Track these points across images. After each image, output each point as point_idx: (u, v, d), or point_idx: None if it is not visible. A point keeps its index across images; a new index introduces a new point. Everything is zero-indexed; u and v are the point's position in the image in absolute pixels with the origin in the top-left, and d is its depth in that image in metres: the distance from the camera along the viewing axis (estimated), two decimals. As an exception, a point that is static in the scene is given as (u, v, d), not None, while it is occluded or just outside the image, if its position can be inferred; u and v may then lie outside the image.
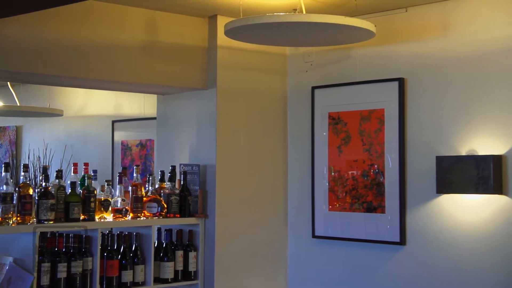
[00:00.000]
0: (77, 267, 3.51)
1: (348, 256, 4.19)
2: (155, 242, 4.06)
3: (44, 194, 3.45)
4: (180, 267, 4.10)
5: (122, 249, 3.84)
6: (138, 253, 3.90)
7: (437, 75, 3.85)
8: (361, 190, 4.14)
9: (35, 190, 3.48)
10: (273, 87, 4.53)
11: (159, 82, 4.21)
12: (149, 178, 4.14)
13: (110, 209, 3.81)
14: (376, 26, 3.50)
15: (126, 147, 5.87)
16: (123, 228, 3.94)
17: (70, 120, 6.40)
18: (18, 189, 3.40)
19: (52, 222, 3.45)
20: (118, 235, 3.86)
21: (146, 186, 4.12)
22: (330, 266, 4.27)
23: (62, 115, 6.11)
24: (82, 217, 3.63)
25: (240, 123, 4.37)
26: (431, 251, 3.81)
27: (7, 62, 3.66)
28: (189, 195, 4.20)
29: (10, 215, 3.35)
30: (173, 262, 4.05)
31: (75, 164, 3.93)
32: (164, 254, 4.05)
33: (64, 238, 3.54)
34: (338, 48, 4.25)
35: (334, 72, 4.33)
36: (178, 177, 4.26)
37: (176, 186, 4.21)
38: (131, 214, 3.92)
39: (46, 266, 3.40)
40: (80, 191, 3.68)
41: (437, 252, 3.78)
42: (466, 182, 3.57)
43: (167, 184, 4.16)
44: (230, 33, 3.56)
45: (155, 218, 4.01)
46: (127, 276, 3.79)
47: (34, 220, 3.45)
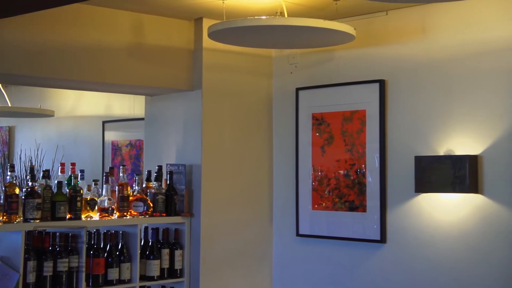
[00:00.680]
0: (63, 265, 3.59)
1: (331, 254, 4.28)
2: (142, 241, 4.14)
3: (30, 193, 3.53)
4: (166, 265, 4.18)
5: (108, 247, 3.92)
6: (124, 251, 3.98)
7: (416, 77, 3.94)
8: (343, 190, 4.23)
9: (22, 189, 3.56)
10: (258, 89, 4.62)
11: (146, 84, 4.29)
12: (135, 178, 4.22)
13: (97, 208, 3.89)
14: (356, 29, 3.59)
15: (116, 147, 5.95)
16: (110, 227, 4.02)
17: (62, 120, 6.47)
18: (4, 188, 3.48)
19: (38, 221, 3.53)
20: (104, 234, 3.94)
21: (133, 185, 4.21)
22: (314, 264, 4.36)
23: (53, 116, 6.18)
24: (68, 216, 3.71)
25: (225, 124, 4.45)
26: (410, 249, 3.89)
27: (-2, 64, 3.75)
28: (175, 195, 4.28)
29: (-4, 214, 3.43)
30: (159, 260, 4.13)
31: (62, 164, 4.01)
32: (150, 252, 4.13)
33: (50, 237, 3.62)
34: (322, 50, 4.33)
35: (318, 73, 4.41)
36: (165, 176, 4.35)
37: (162, 185, 4.29)
38: (118, 213, 4.00)
39: (32, 264, 3.48)
40: (66, 191, 3.76)
41: (416, 250, 3.87)
42: (443, 182, 3.66)
43: (154, 183, 4.24)
44: (213, 35, 3.65)
45: (141, 217, 4.09)
46: (113, 273, 3.87)
47: (21, 219, 3.52)
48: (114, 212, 3.99)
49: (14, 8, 3.31)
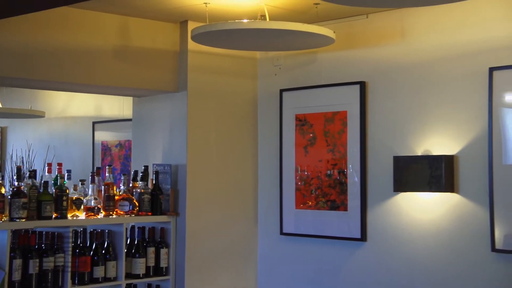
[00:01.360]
0: (48, 264, 3.67)
1: (314, 252, 4.36)
2: (128, 239, 4.23)
3: (16, 193, 3.61)
4: (151, 263, 4.26)
5: (94, 246, 4.00)
6: (110, 249, 4.06)
7: (396, 79, 4.03)
8: (325, 189, 4.32)
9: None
10: (243, 90, 4.70)
11: (132, 85, 4.38)
12: (122, 178, 4.30)
13: (83, 207, 3.97)
14: (338, 32, 3.68)
15: (106, 148, 6.03)
16: (96, 226, 4.10)
17: (53, 121, 6.55)
18: (-10, 188, 3.56)
19: (24, 220, 3.61)
20: (90, 233, 4.03)
21: (120, 185, 4.29)
22: (297, 261, 4.45)
23: (44, 117, 6.26)
24: (54, 215, 3.79)
25: (210, 125, 4.54)
26: (390, 247, 3.98)
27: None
28: (160, 194, 4.36)
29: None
30: (144, 259, 4.21)
31: (49, 164, 4.09)
32: (136, 250, 4.21)
33: (36, 236, 3.70)
34: (305, 52, 4.42)
35: (301, 75, 4.50)
36: (151, 176, 4.43)
37: (149, 185, 4.38)
38: (104, 212, 4.08)
39: (18, 262, 3.56)
40: (53, 190, 3.84)
41: (395, 248, 3.96)
42: (420, 181, 3.75)
43: (140, 183, 4.32)
44: (196, 38, 3.74)
45: (127, 216, 4.17)
46: (99, 271, 3.96)
47: (7, 218, 3.60)
48: (100, 211, 4.07)
49: (12, 9, 3.39)
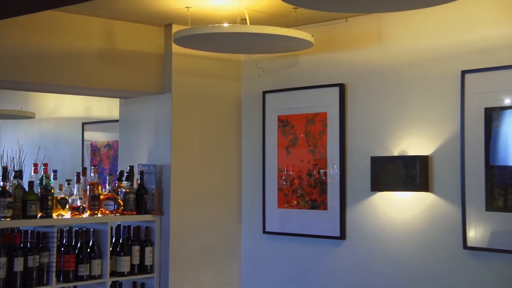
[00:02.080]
0: (33, 262, 3.76)
1: (295, 250, 4.46)
2: (113, 238, 4.32)
3: (1, 193, 3.71)
4: (136, 261, 4.36)
5: (79, 244, 4.09)
6: (95, 248, 4.16)
7: (373, 81, 4.13)
8: (306, 189, 4.42)
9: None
10: (228, 92, 4.80)
11: (118, 87, 4.47)
12: (107, 178, 4.40)
13: (68, 206, 4.06)
14: (318, 35, 3.79)
15: (95, 148, 6.12)
16: (82, 224, 4.20)
17: (43, 122, 6.64)
18: (-24, 188, 3.65)
19: (9, 219, 3.70)
20: (76, 232, 4.12)
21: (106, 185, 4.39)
22: (279, 259, 4.55)
23: (34, 118, 6.35)
24: (39, 214, 3.88)
25: (195, 126, 4.64)
26: (368, 245, 4.09)
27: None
28: (145, 194, 4.46)
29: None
30: (129, 257, 4.31)
31: (35, 164, 4.18)
32: (120, 249, 4.31)
33: (21, 234, 3.79)
34: (287, 55, 4.52)
35: (283, 77, 4.60)
36: (136, 176, 4.53)
37: (134, 185, 4.47)
38: (89, 212, 4.18)
39: (3, 260, 3.65)
40: (38, 190, 3.93)
41: (372, 246, 4.06)
42: (396, 181, 3.85)
43: (125, 183, 4.42)
44: (178, 41, 3.84)
45: (112, 215, 4.27)
46: (84, 269, 4.05)
47: (-7, 217, 3.71)
48: (85, 210, 4.16)
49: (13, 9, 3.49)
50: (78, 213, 4.10)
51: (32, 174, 4.14)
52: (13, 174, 3.89)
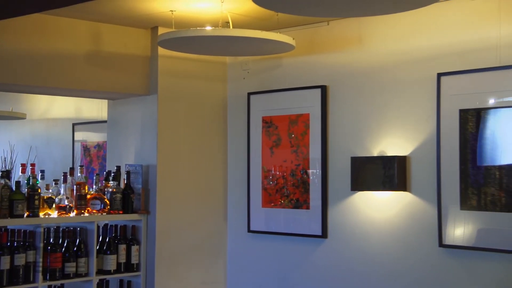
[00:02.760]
0: (20, 260, 3.85)
1: (279, 248, 4.56)
2: (100, 237, 4.41)
3: (-12, 192, 3.80)
4: (123, 260, 4.44)
5: (66, 243, 4.18)
6: (82, 246, 4.24)
7: (354, 83, 4.22)
8: (289, 188, 4.51)
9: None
10: (213, 93, 4.89)
11: (106, 89, 4.56)
12: (94, 178, 4.48)
13: (54, 206, 4.15)
14: (300, 38, 3.87)
15: (85, 148, 6.21)
16: (70, 224, 4.28)
17: (35, 123, 6.73)
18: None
19: (-4, 218, 3.79)
20: (63, 230, 4.20)
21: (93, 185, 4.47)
22: (264, 257, 4.64)
23: (25, 118, 6.43)
24: (26, 213, 3.97)
25: (181, 126, 4.72)
26: (348, 243, 4.18)
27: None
28: (132, 193, 4.55)
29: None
30: (115, 255, 4.39)
31: (23, 164, 4.27)
32: (107, 247, 4.39)
33: (8, 233, 3.88)
34: (271, 57, 4.61)
35: (267, 79, 4.69)
36: (123, 176, 4.61)
37: (121, 185, 4.56)
38: (75, 211, 4.26)
39: (-11, 258, 3.75)
40: (25, 190, 4.01)
41: (353, 244, 4.16)
42: (375, 180, 3.94)
43: (111, 183, 4.50)
44: (162, 44, 3.94)
45: (98, 214, 4.35)
46: (70, 268, 4.13)
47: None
48: (72, 210, 4.25)
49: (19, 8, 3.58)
50: (65, 212, 4.18)
51: (19, 174, 4.22)
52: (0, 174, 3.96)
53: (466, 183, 3.62)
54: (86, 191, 4.32)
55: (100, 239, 4.41)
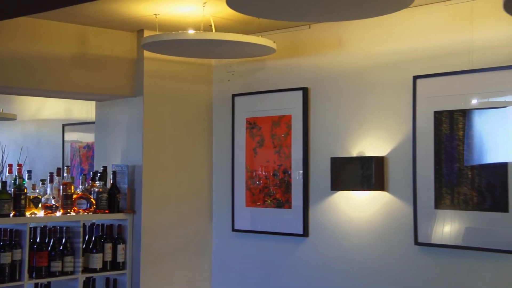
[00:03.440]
0: (6, 258, 3.93)
1: (262, 247, 4.65)
2: (86, 236, 4.49)
3: (-25, 192, 3.89)
4: (109, 258, 4.53)
5: (52, 242, 4.26)
6: (68, 245, 4.33)
7: (334, 85, 4.32)
8: (272, 188, 4.60)
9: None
10: (199, 95, 4.98)
11: (92, 91, 4.65)
12: (80, 178, 4.57)
13: (41, 205, 4.23)
14: (282, 41, 3.94)
15: (75, 149, 6.30)
16: (56, 223, 4.37)
17: (26, 123, 6.81)
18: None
19: (-18, 217, 3.88)
20: (49, 229, 4.29)
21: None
22: (248, 256, 4.73)
23: (15, 119, 6.51)
24: (12, 213, 4.05)
25: (166, 127, 4.81)
26: (329, 242, 4.28)
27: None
28: (118, 193, 4.64)
29: None
30: (101, 254, 4.48)
31: (10, 165, 4.36)
32: (93, 246, 4.48)
33: (-6, 232, 3.97)
34: (255, 60, 4.70)
35: (251, 81, 4.78)
36: (110, 176, 4.70)
37: (107, 185, 4.65)
38: (62, 210, 4.35)
39: (-25, 257, 3.83)
40: (12, 190, 4.10)
41: (333, 242, 4.25)
42: (353, 180, 4.04)
43: (98, 183, 4.59)
44: (146, 47, 4.04)
45: (85, 213, 4.44)
46: (56, 266, 4.22)
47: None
48: (58, 209, 4.33)
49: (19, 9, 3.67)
50: (51, 211, 4.27)
51: (7, 174, 4.31)
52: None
53: (440, 183, 3.71)
54: (72, 191, 4.41)
55: (86, 238, 4.49)
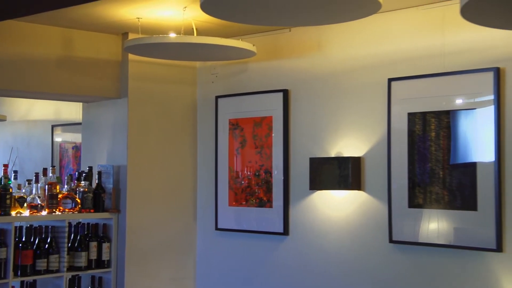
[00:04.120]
0: (-10, 257, 4.03)
1: (244, 245, 4.75)
2: (72, 235, 4.59)
3: (-39, 192, 3.98)
4: (94, 257, 4.62)
5: (37, 240, 4.35)
6: (53, 244, 4.42)
7: (314, 87, 4.42)
8: (254, 188, 4.70)
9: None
10: (183, 96, 5.08)
11: (79, 93, 4.74)
12: (65, 178, 4.67)
13: (26, 205, 4.32)
14: (264, 44, 4.02)
15: (63, 150, 6.39)
16: (42, 222, 4.46)
17: (16, 124, 6.90)
18: None
19: (-32, 217, 3.97)
20: (35, 228, 4.38)
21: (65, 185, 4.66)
22: (230, 255, 4.83)
23: (5, 120, 6.60)
24: (-2, 212, 4.15)
25: (151, 128, 4.91)
26: (308, 240, 4.38)
27: None
28: (103, 193, 4.73)
29: None
30: (86, 252, 4.57)
31: (-4, 165, 4.44)
32: (78, 245, 4.57)
33: (-20, 231, 4.06)
34: (238, 62, 4.80)
35: (234, 83, 4.88)
36: (95, 176, 4.79)
37: (93, 184, 4.74)
38: (47, 210, 4.44)
39: (-40, 255, 3.92)
40: (-2, 190, 4.20)
41: (312, 241, 4.35)
42: (331, 180, 4.14)
43: (83, 183, 4.69)
44: (128, 50, 4.14)
45: (70, 213, 4.53)
46: (41, 264, 4.31)
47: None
48: (44, 208, 4.42)
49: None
50: (36, 211, 4.36)
51: (-7, 174, 4.40)
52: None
53: (413, 183, 3.82)
54: (58, 191, 4.50)
55: (72, 237, 4.59)
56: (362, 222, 4.10)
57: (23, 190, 4.40)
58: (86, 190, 4.65)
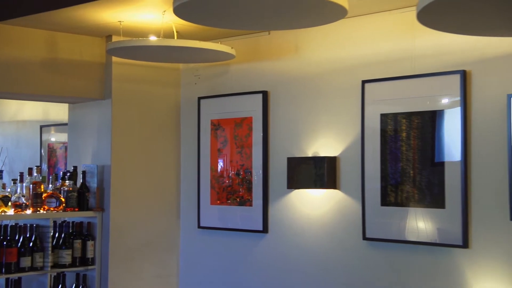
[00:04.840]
0: (-25, 254, 4.13)
1: (226, 243, 4.86)
2: (57, 233, 4.69)
3: None
4: (78, 254, 4.73)
5: (22, 238, 4.46)
6: (38, 242, 4.52)
7: (292, 89, 4.53)
8: (235, 187, 4.81)
9: None
10: (167, 97, 5.19)
11: (63, 94, 4.85)
12: (50, 177, 4.77)
13: (10, 204, 4.43)
14: (244, 46, 4.13)
15: (52, 150, 6.49)
16: (26, 221, 4.56)
17: (5, 125, 7.01)
18: None
19: (-47, 215, 4.07)
20: (19, 227, 4.48)
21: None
22: (212, 252, 4.94)
23: (-6, 121, 6.71)
24: (-17, 211, 4.25)
25: (134, 129, 5.02)
26: (286, 238, 4.49)
27: None
28: (87, 192, 4.84)
29: None
30: (71, 250, 4.68)
31: (-18, 165, 4.55)
32: (62, 243, 4.68)
33: (-35, 229, 4.16)
34: (220, 64, 4.91)
35: (216, 84, 4.99)
36: (80, 176, 4.90)
37: (78, 184, 4.85)
38: (32, 209, 4.54)
39: None
40: (-17, 189, 4.30)
41: (290, 238, 4.47)
42: (308, 179, 4.25)
43: (68, 182, 4.79)
44: (111, 52, 4.24)
45: (55, 211, 4.64)
46: (25, 262, 4.41)
47: None
48: (28, 207, 4.53)
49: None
50: (21, 210, 4.46)
51: (-21, 174, 4.51)
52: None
53: (385, 181, 3.93)
54: (42, 190, 4.60)
55: (56, 235, 4.69)
56: (338, 220, 4.22)
57: (8, 189, 4.50)
58: (70, 189, 4.76)
